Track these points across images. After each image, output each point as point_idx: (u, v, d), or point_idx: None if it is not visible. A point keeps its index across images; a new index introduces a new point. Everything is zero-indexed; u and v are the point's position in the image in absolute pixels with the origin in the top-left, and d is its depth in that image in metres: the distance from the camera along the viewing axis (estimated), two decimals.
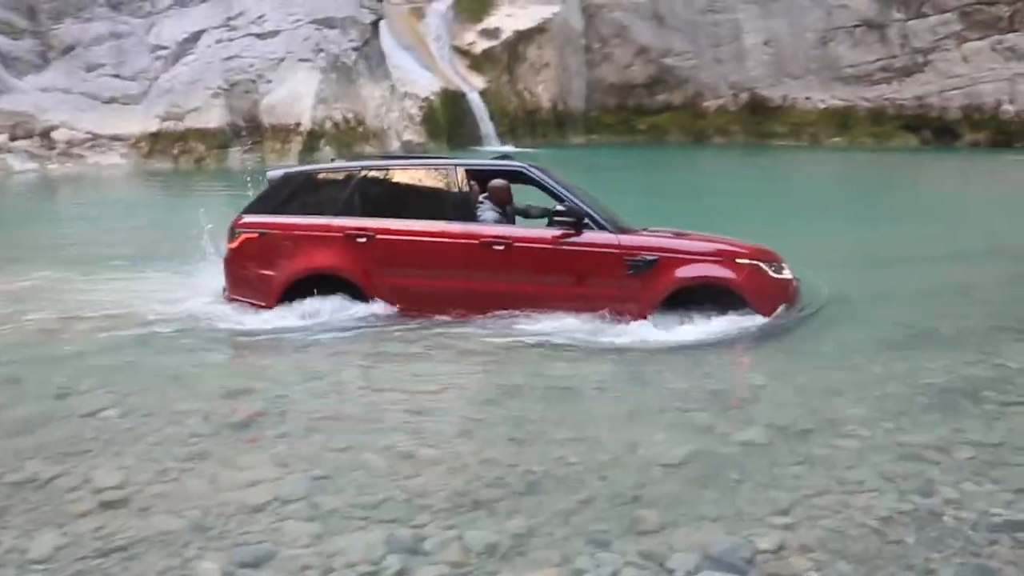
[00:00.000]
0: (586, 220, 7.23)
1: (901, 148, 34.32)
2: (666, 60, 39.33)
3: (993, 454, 4.20)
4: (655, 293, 7.11)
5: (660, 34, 39.40)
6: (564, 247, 7.24)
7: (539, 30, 37.20)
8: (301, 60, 25.62)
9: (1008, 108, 37.30)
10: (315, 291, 7.33)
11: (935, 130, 37.26)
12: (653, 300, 7.11)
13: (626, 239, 7.29)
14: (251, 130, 24.64)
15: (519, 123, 35.91)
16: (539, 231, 7.50)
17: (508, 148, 32.75)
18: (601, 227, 7.28)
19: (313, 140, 25.14)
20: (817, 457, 4.36)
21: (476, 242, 7.29)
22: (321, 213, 7.58)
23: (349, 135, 26.50)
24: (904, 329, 6.83)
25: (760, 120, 38.38)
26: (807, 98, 38.58)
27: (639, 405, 5.41)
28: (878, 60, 38.40)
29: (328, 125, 25.73)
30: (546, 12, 37.41)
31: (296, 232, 7.53)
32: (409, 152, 12.28)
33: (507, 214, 7.76)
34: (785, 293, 7.28)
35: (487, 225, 7.45)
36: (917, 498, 3.73)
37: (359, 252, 7.36)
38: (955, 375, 5.38)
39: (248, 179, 8.90)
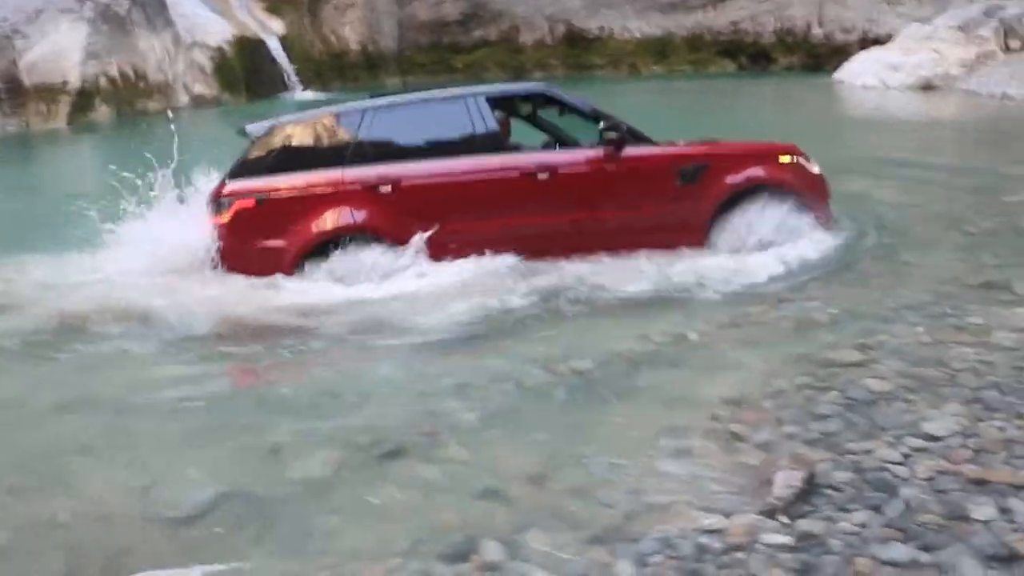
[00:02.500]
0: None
1: (719, 74, 35.94)
2: None
3: None
4: (710, 203, 6.91)
5: None
6: (615, 165, 6.86)
7: None
8: (63, 11, 24.40)
9: (817, 31, 39.60)
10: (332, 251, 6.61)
11: (750, 55, 39.14)
12: (709, 211, 6.91)
13: (670, 148, 7.12)
14: (11, 92, 23.49)
15: (325, 68, 35.44)
16: (581, 152, 7.06)
17: (311, 95, 32.53)
18: (642, 139, 7.02)
19: (85, 99, 24.09)
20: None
21: (516, 174, 6.85)
22: (327, 166, 6.80)
23: (129, 92, 25.56)
24: None
25: (579, 52, 39.24)
26: (624, 28, 39.69)
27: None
28: None
29: (103, 82, 24.69)
30: None
31: (304, 191, 6.70)
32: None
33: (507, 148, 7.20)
34: (826, 187, 7.27)
35: (523, 154, 7.07)
36: None
37: (384, 204, 6.68)
38: None
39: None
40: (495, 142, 6.97)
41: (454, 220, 6.68)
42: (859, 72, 26.75)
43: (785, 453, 3.71)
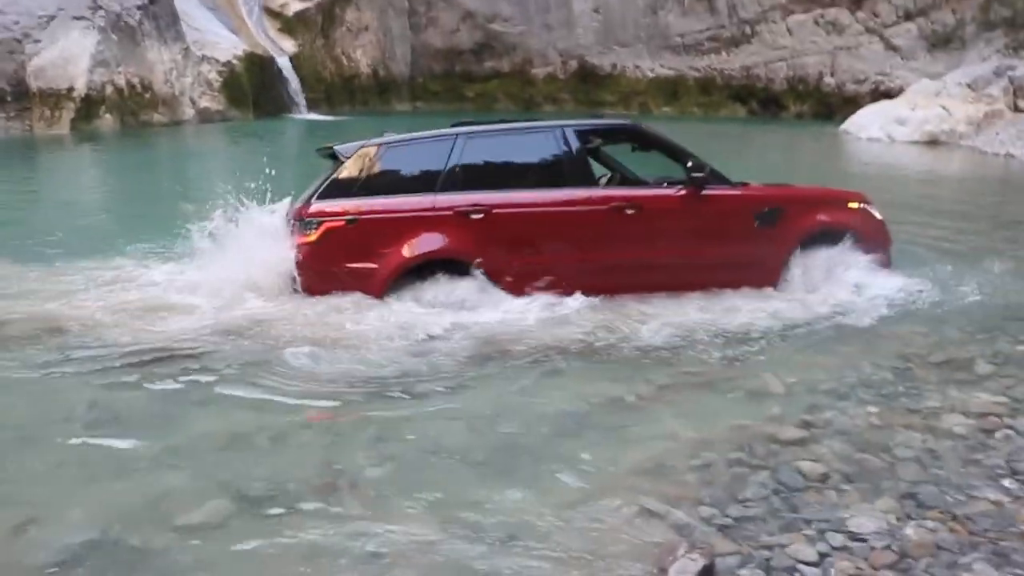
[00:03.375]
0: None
1: (730, 118, 35.89)
2: (493, 25, 39.66)
3: None
4: (786, 245, 7.11)
5: None
6: (697, 204, 6.96)
7: None
8: (75, 18, 24.47)
9: (829, 81, 39.55)
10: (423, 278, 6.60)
11: (761, 101, 39.12)
12: (784, 252, 7.10)
13: (748, 191, 7.27)
14: (17, 95, 23.46)
15: (336, 90, 35.48)
16: (665, 190, 7.09)
17: (315, 116, 32.49)
18: (723, 180, 7.14)
19: (90, 107, 24.04)
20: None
21: (604, 208, 6.87)
22: (418, 190, 6.79)
23: (134, 102, 25.54)
24: None
25: (590, 88, 39.27)
26: (636, 66, 39.73)
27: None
28: (707, 29, 39.90)
29: (109, 91, 24.66)
30: None
31: (396, 215, 6.64)
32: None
33: None
34: (887, 233, 7.51)
35: (610, 188, 7.20)
36: None
37: (475, 231, 6.65)
38: None
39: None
40: (585, 175, 7.08)
41: (542, 251, 6.80)
42: (865, 125, 26.60)
43: (694, 538, 3.45)
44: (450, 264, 6.64)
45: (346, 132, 29.87)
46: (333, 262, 6.62)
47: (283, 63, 32.98)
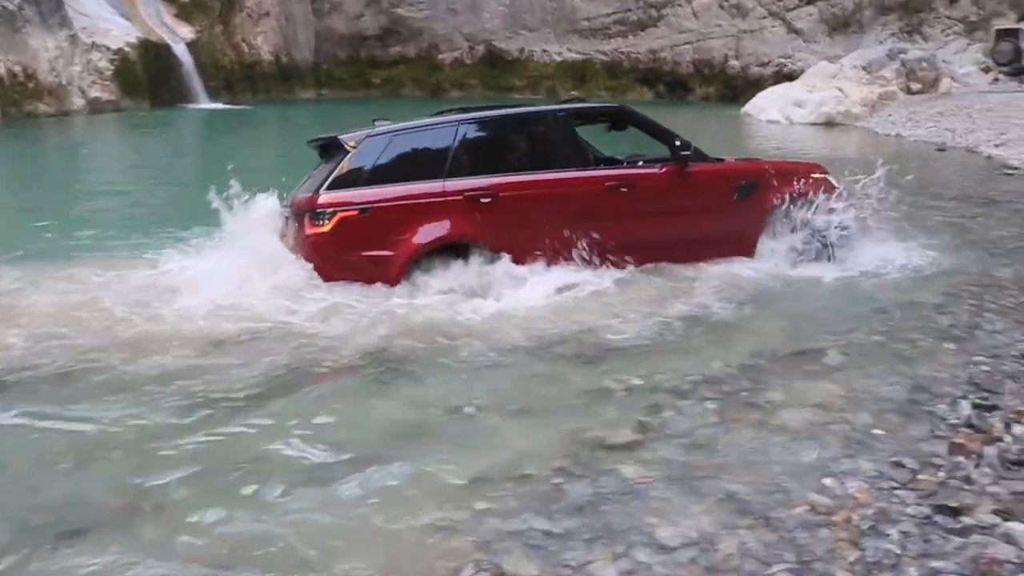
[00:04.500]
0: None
1: (637, 101, 35.88)
2: (398, 10, 39.14)
3: None
4: (760, 217, 7.59)
5: None
6: (684, 180, 7.42)
7: None
8: None
9: (734, 64, 40.03)
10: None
11: (668, 83, 39.41)
12: (760, 224, 7.59)
13: (726, 165, 7.86)
14: None
15: (237, 78, 34.59)
16: (653, 169, 7.50)
17: (216, 105, 31.60)
18: (705, 157, 7.61)
19: None
20: None
21: (603, 187, 7.22)
22: (427, 177, 6.94)
23: (16, 92, 24.46)
24: None
25: (497, 73, 39.06)
26: (544, 51, 39.63)
27: None
28: (613, 13, 39.98)
29: None
30: None
31: (408, 201, 6.81)
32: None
33: None
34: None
35: (606, 168, 7.51)
36: None
37: (485, 214, 6.86)
38: None
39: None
40: (581, 156, 7.41)
41: (547, 230, 6.95)
42: (765, 107, 26.92)
43: (493, 557, 3.26)
44: (463, 248, 6.81)
45: (249, 121, 29.23)
46: (349, 251, 6.71)
47: (180, 50, 32.02)
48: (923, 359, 5.30)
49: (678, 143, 7.40)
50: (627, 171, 7.46)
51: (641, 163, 7.64)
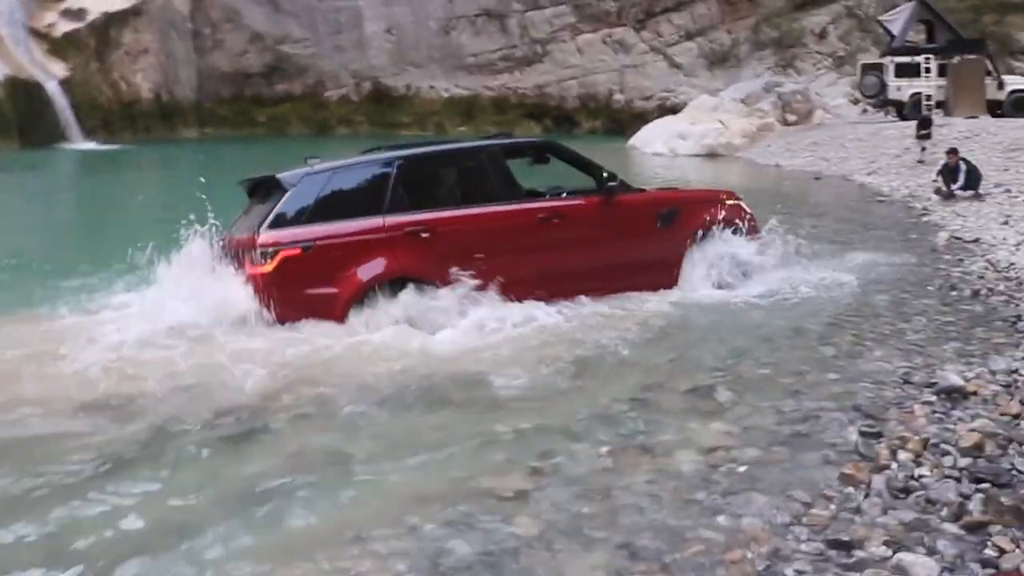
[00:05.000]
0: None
1: (527, 135, 36.22)
2: (283, 47, 38.67)
3: None
4: (682, 243, 7.88)
5: (276, 20, 38.63)
6: (612, 210, 7.63)
7: (134, 12, 34.87)
8: None
9: (619, 97, 40.92)
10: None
11: (555, 118, 39.96)
12: (682, 249, 7.87)
13: (649, 195, 8.28)
14: None
15: (115, 116, 33.47)
16: (583, 199, 7.70)
17: (93, 145, 30.50)
18: (629, 189, 7.94)
19: None
20: None
21: (535, 219, 7.38)
22: (367, 214, 6.95)
23: None
24: None
25: (384, 110, 38.90)
26: (431, 87, 39.70)
27: None
28: (499, 50, 40.41)
29: None
30: None
31: (350, 239, 6.82)
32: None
33: None
34: (756, 224, 8.45)
35: (536, 201, 7.63)
36: None
37: (425, 249, 6.93)
38: None
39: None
40: (513, 189, 7.53)
41: (485, 262, 6.95)
42: (649, 140, 27.52)
43: None
44: (404, 282, 6.82)
45: (126, 161, 28.24)
46: (293, 289, 6.63)
47: (52, 88, 30.86)
48: (809, 390, 5.33)
49: (605, 175, 7.66)
50: (558, 203, 7.61)
51: (564, 195, 7.75)
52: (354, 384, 5.68)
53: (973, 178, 13.76)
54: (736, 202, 8.38)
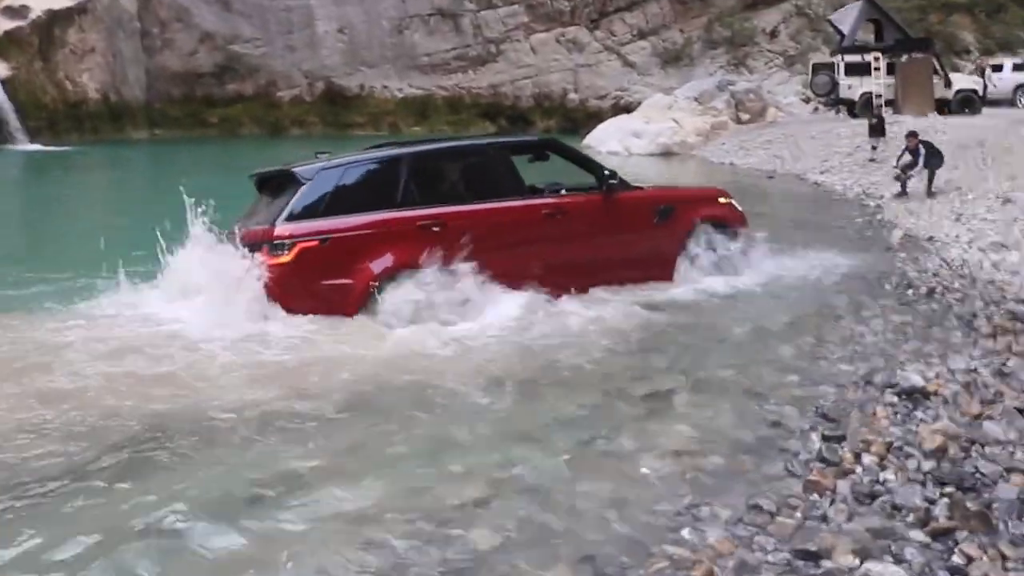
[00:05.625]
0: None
1: (480, 134, 36.09)
2: (234, 47, 38.11)
3: None
4: (678, 238, 8.12)
5: (226, 19, 38.07)
6: (612, 206, 7.90)
7: (80, 10, 34.13)
8: None
9: (573, 97, 40.94)
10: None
11: (510, 117, 39.84)
12: (677, 245, 8.09)
13: (647, 192, 8.62)
14: None
15: (60, 117, 32.71)
16: (585, 196, 7.98)
17: (38, 147, 29.83)
18: (628, 186, 8.22)
19: None
20: None
21: (540, 214, 7.64)
22: (381, 207, 7.20)
23: None
24: None
25: (338, 110, 38.52)
26: (384, 87, 39.39)
27: None
28: (453, 49, 40.22)
29: None
30: None
31: (366, 231, 7.05)
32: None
33: None
34: (746, 221, 8.75)
35: (540, 197, 7.87)
36: None
37: (436, 242, 7.02)
38: None
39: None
40: (520, 186, 7.80)
41: (493, 255, 7.14)
42: (604, 139, 27.52)
43: None
44: (415, 274, 6.95)
45: (72, 164, 27.59)
46: (310, 280, 6.85)
47: None
48: (770, 393, 5.27)
49: (606, 172, 7.97)
50: (562, 199, 7.91)
51: (563, 192, 8.02)
52: (313, 390, 5.53)
53: (936, 159, 13.91)
54: (728, 200, 8.72)
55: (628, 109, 33.88)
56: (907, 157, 14.21)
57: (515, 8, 40.60)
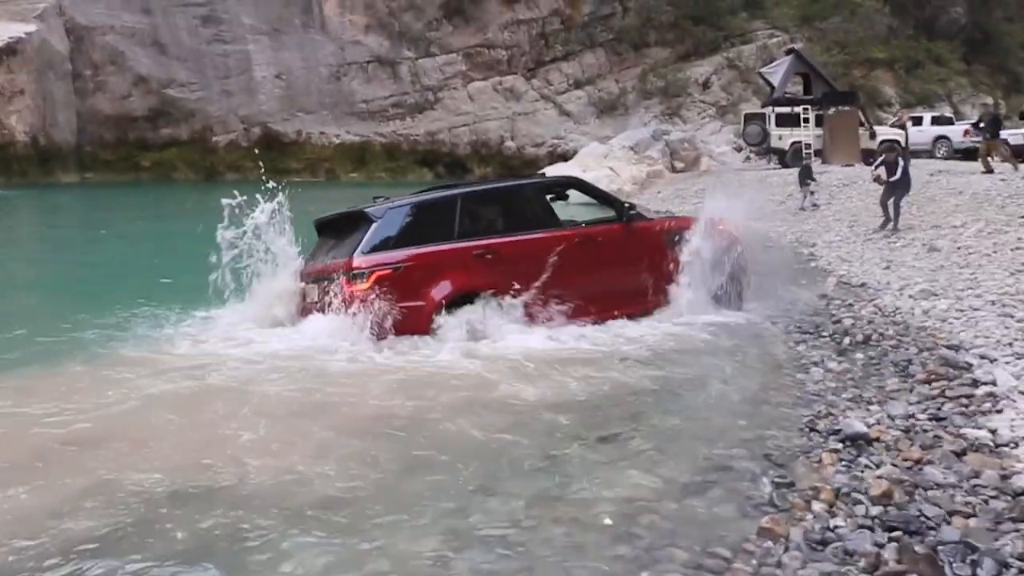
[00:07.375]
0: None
1: (418, 181, 36.17)
2: (169, 91, 37.76)
3: None
4: (678, 266, 8.95)
5: (161, 63, 37.75)
6: (633, 235, 8.93)
7: (9, 51, 33.58)
8: None
9: (510, 144, 41.36)
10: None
11: (447, 164, 40.10)
12: (676, 272, 8.92)
13: (660, 221, 9.65)
14: None
15: None
16: (609, 226, 9.01)
17: None
18: (643, 217, 9.34)
19: None
20: None
21: (573, 243, 8.60)
22: (440, 240, 8.28)
23: None
24: None
25: (275, 155, 38.18)
26: (322, 133, 39.36)
27: None
28: (391, 96, 40.43)
29: None
30: (17, 31, 34.02)
31: (432, 260, 8.15)
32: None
33: None
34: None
35: (568, 228, 8.89)
36: None
37: (489, 268, 8.20)
38: None
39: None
40: (555, 219, 8.95)
41: (536, 279, 8.22)
42: None
43: None
44: (473, 295, 8.08)
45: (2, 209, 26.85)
46: (387, 303, 7.78)
47: None
48: (719, 439, 5.36)
49: (627, 205, 9.19)
50: (591, 230, 8.98)
51: (583, 224, 9.11)
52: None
53: (906, 179, 14.59)
54: (726, 228, 9.44)
55: (565, 157, 34.36)
56: (882, 170, 14.95)
57: (453, 56, 41.05)
